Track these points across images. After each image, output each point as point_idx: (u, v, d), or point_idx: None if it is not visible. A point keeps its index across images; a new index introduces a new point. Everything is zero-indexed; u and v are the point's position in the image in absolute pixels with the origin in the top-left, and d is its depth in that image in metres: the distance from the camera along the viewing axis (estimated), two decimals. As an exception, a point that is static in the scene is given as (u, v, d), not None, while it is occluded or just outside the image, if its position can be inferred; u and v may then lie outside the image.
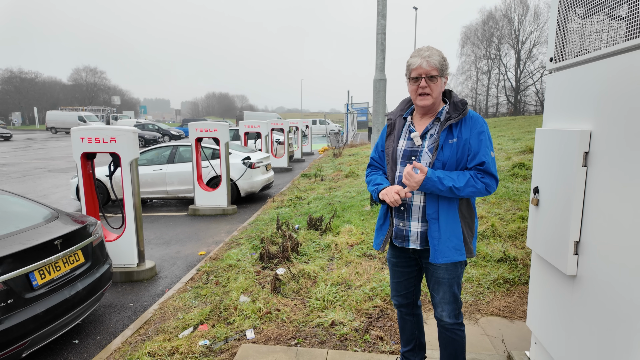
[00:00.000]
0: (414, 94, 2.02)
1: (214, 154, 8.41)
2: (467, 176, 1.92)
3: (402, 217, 2.08)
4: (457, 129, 1.97)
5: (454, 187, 1.88)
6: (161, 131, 29.21)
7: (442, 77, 1.99)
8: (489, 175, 1.94)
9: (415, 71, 1.96)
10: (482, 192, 1.94)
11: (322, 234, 5.45)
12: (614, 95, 1.66)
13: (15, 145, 24.79)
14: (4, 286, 2.58)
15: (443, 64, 1.97)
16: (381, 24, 6.51)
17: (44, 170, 13.98)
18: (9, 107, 58.67)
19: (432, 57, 1.94)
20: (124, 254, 4.58)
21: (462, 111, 1.97)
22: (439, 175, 1.88)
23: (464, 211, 2.04)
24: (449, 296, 2.11)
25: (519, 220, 5.17)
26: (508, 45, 46.92)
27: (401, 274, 2.27)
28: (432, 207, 1.98)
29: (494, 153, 2.00)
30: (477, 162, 1.94)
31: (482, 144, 1.95)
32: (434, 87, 1.96)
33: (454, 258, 2.00)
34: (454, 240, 1.99)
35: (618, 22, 1.75)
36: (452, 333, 2.19)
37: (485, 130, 1.99)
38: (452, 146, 1.95)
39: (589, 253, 1.81)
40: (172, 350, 2.97)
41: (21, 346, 2.64)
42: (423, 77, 1.95)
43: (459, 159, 1.97)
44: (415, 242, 2.07)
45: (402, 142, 2.10)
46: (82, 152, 4.45)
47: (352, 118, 24.91)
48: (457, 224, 2.00)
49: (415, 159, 2.02)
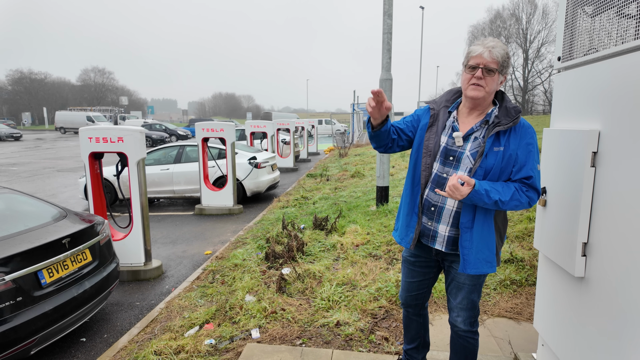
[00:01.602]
0: (466, 83, 1.87)
1: (220, 154, 8.44)
2: (512, 189, 1.80)
3: (431, 217, 1.99)
4: (505, 137, 1.84)
5: (500, 200, 1.77)
6: (168, 131, 29.39)
7: (501, 74, 1.85)
8: (533, 190, 1.84)
9: (474, 59, 1.82)
10: (524, 206, 1.83)
11: (328, 234, 5.44)
12: (623, 95, 1.64)
13: (25, 145, 25.11)
14: (13, 284, 2.61)
15: (506, 60, 1.83)
16: (387, 23, 6.49)
17: (53, 169, 14.13)
18: (19, 108, 59.46)
19: (495, 48, 1.80)
20: (131, 253, 4.61)
21: (513, 119, 1.84)
22: (486, 188, 1.76)
23: (499, 222, 1.95)
24: (467, 302, 2.05)
25: (525, 221, 5.13)
26: (516, 44, 46.61)
27: (417, 274, 2.20)
28: (468, 216, 1.88)
29: (539, 166, 1.89)
30: (524, 175, 1.83)
31: (530, 157, 1.84)
32: (489, 81, 1.82)
33: (483, 270, 1.91)
34: (485, 252, 1.90)
35: (627, 21, 1.73)
36: (464, 340, 2.13)
37: (535, 142, 1.87)
38: (498, 155, 1.83)
39: (598, 254, 1.79)
40: (178, 349, 2.98)
41: (30, 344, 2.68)
42: (481, 67, 1.80)
43: (503, 168, 1.84)
44: (442, 244, 1.98)
45: (443, 138, 1.96)
46: (90, 151, 4.49)
47: (358, 118, 24.85)
48: (492, 235, 1.91)
49: (454, 160, 1.91)
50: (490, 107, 1.93)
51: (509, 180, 1.87)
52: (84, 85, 70.34)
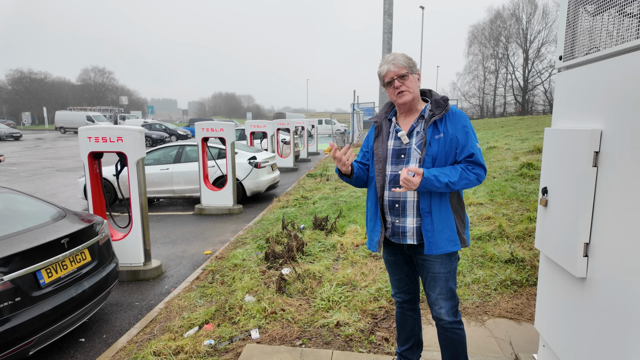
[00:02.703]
0: (394, 96, 2.11)
1: (220, 154, 8.43)
2: (458, 170, 1.99)
3: (397, 214, 2.12)
4: (442, 124, 2.05)
5: (450, 182, 1.95)
6: (168, 131, 29.37)
7: (414, 74, 2.09)
8: (478, 166, 2.02)
9: (386, 76, 2.09)
10: (474, 183, 2.01)
11: (328, 234, 5.43)
12: (626, 94, 1.63)
13: (25, 145, 25.10)
14: (12, 284, 2.60)
15: (409, 62, 2.08)
16: (387, 23, 6.48)
17: (53, 169, 14.13)
18: (19, 107, 59.42)
19: (396, 59, 2.06)
20: (131, 253, 4.60)
21: (444, 107, 2.06)
22: (434, 174, 1.94)
23: (455, 203, 2.11)
24: (446, 291, 2.14)
25: (526, 221, 5.11)
26: (516, 44, 46.63)
27: (401, 271, 2.31)
28: (425, 202, 2.05)
29: (479, 144, 2.09)
30: (467, 154, 2.02)
31: (469, 137, 2.04)
32: (408, 84, 2.06)
33: (447, 249, 2.05)
34: (447, 232, 2.05)
35: (630, 20, 1.72)
36: (452, 333, 2.20)
37: (469, 124, 2.08)
38: (439, 141, 2.03)
39: (600, 255, 1.78)
40: (177, 349, 2.97)
41: (28, 344, 2.67)
42: (395, 79, 2.05)
43: (447, 152, 2.03)
44: (412, 238, 2.11)
45: (390, 142, 2.17)
46: (89, 151, 4.49)
47: (358, 118, 24.82)
48: (450, 216, 2.07)
49: (405, 156, 2.09)
50: (422, 105, 2.16)
51: (454, 162, 2.06)
52: (84, 85, 70.28)
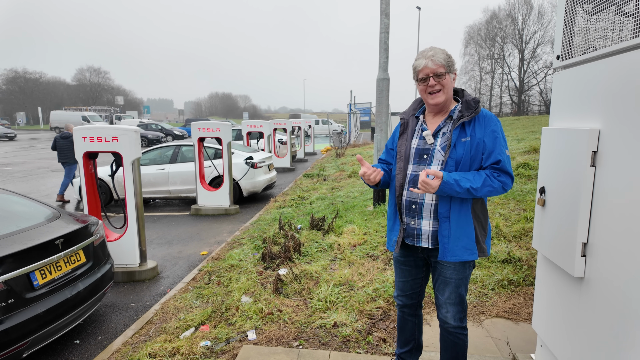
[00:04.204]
0: (424, 93, 2.02)
1: (217, 154, 8.40)
2: (483, 176, 1.91)
3: (413, 216, 2.06)
4: (471, 127, 1.96)
5: (472, 188, 1.87)
6: (164, 131, 29.24)
7: (450, 73, 1.99)
8: (504, 174, 1.94)
9: (422, 72, 1.98)
10: (498, 191, 1.93)
11: (325, 234, 5.42)
12: (624, 93, 1.62)
13: (19, 145, 24.90)
14: (5, 286, 2.56)
15: (448, 60, 1.98)
16: (384, 23, 6.47)
17: (48, 169, 14.02)
18: (13, 107, 59.03)
19: (436, 55, 1.95)
20: (126, 254, 4.57)
21: (474, 109, 1.97)
22: (455, 178, 1.86)
23: (478, 211, 2.02)
24: (454, 297, 2.08)
25: (523, 221, 5.12)
26: (512, 45, 46.78)
27: (409, 274, 2.25)
28: (444, 206, 1.97)
29: (508, 151, 1.99)
30: (493, 160, 1.93)
31: (497, 142, 1.95)
32: (444, 83, 1.97)
33: (463, 257, 1.98)
34: (464, 239, 1.97)
35: (627, 19, 1.72)
36: (455, 337, 2.16)
37: (499, 129, 1.98)
38: (465, 144, 1.94)
39: (597, 255, 1.77)
40: (173, 351, 2.95)
41: (22, 346, 2.63)
42: (431, 76, 1.96)
43: (473, 157, 1.95)
44: (427, 241, 2.04)
45: (414, 141, 2.10)
46: (84, 151, 4.45)
47: (354, 118, 24.86)
48: (470, 224, 1.98)
49: (427, 157, 2.03)
50: (453, 105, 2.07)
51: (480, 168, 1.97)
52: (79, 84, 69.89)
